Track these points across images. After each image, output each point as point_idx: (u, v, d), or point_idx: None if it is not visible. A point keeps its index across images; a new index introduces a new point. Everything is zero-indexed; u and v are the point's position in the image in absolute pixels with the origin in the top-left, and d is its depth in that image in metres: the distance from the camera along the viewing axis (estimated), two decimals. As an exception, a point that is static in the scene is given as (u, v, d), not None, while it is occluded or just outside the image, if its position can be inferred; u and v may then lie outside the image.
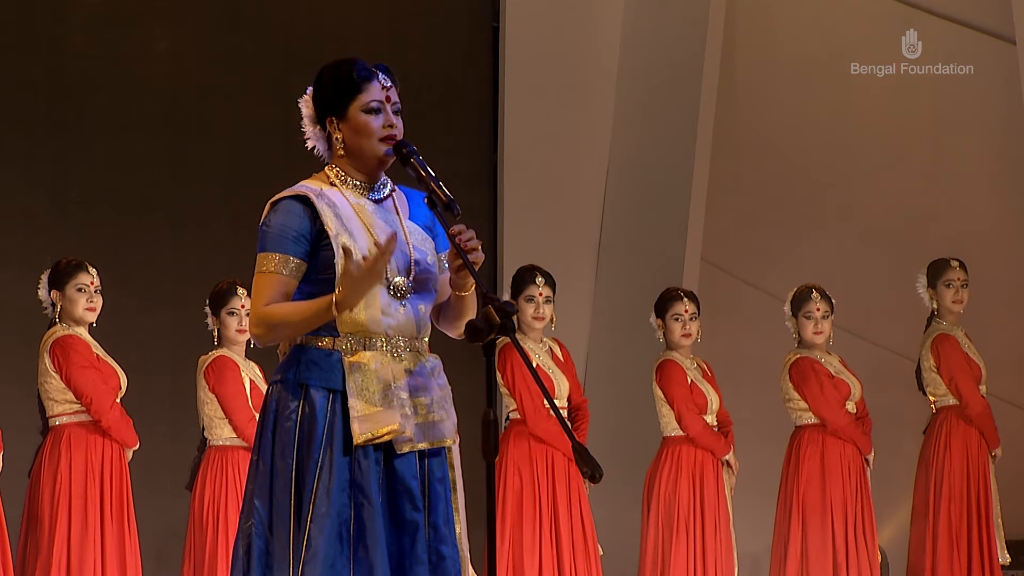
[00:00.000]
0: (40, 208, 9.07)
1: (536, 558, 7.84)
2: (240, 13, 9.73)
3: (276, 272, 4.21)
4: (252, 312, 4.24)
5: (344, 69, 4.29)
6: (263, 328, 4.22)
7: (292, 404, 4.22)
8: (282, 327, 4.21)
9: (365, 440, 4.17)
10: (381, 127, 4.28)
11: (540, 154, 10.47)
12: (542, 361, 7.98)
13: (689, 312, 8.26)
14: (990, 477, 8.46)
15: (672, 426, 8.24)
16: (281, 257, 4.21)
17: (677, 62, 10.33)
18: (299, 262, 4.22)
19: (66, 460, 7.24)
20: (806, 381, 8.26)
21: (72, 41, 9.24)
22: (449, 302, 4.39)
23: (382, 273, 4.13)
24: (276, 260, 4.21)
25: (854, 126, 10.47)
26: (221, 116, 9.57)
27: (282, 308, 4.20)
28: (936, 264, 8.63)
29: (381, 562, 4.14)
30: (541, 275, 8.04)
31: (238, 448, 7.57)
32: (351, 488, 4.17)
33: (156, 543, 8.64)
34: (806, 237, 10.47)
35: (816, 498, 8.20)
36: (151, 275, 9.26)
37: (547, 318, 8.01)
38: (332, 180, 4.32)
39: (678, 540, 8.09)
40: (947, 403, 8.50)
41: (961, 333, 8.59)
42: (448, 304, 4.39)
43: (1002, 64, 10.07)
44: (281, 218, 4.24)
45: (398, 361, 4.24)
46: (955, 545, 8.36)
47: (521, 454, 7.91)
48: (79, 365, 7.24)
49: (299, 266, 4.22)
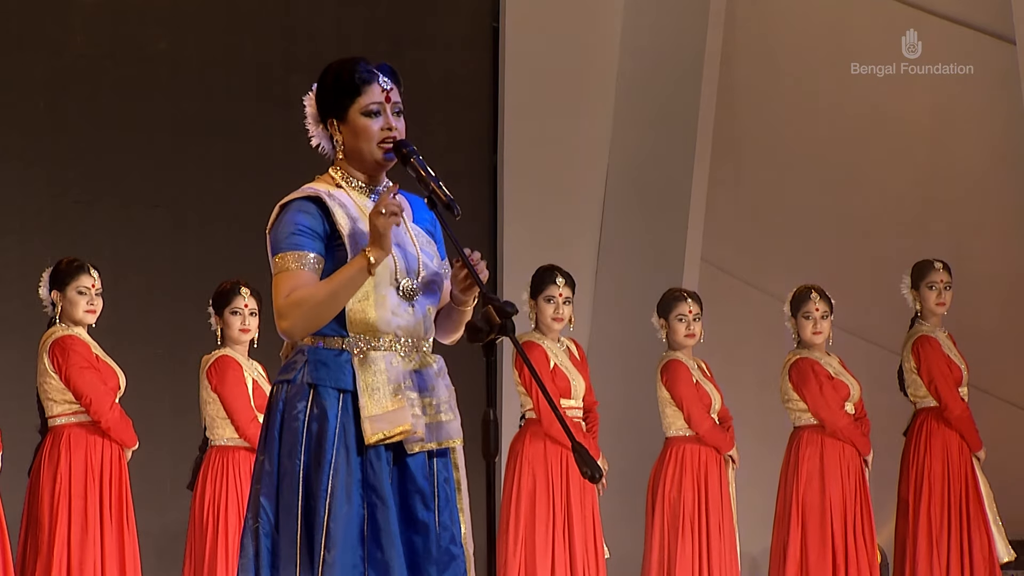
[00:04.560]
0: (40, 208, 9.07)
1: (549, 558, 7.84)
2: (240, 13, 9.72)
3: (296, 269, 4.17)
4: (276, 309, 4.17)
5: (346, 70, 4.28)
6: (291, 315, 4.14)
7: (300, 404, 4.20)
8: (311, 305, 4.13)
9: (377, 440, 4.16)
10: (379, 130, 4.27)
11: (540, 154, 10.47)
12: (561, 361, 7.99)
13: (693, 313, 8.27)
14: (978, 478, 8.45)
15: (675, 426, 8.24)
16: (299, 254, 4.18)
17: (677, 62, 10.33)
18: (317, 257, 4.19)
19: (66, 460, 7.24)
20: (806, 382, 8.26)
21: (72, 41, 9.23)
22: (446, 312, 4.39)
23: (398, 214, 4.11)
24: (294, 257, 4.18)
25: (854, 126, 10.47)
26: (221, 116, 9.57)
27: (307, 288, 4.14)
28: (920, 265, 8.63)
29: (397, 562, 4.14)
30: (561, 275, 8.05)
31: (240, 448, 7.56)
32: (364, 489, 4.17)
33: (156, 543, 8.64)
34: (806, 237, 10.47)
35: (815, 499, 8.20)
36: (151, 275, 9.26)
37: (566, 318, 8.02)
38: (338, 182, 4.31)
39: (683, 540, 8.09)
40: (927, 404, 8.51)
41: (944, 335, 8.58)
42: (444, 314, 4.39)
43: (1002, 64, 10.07)
44: (294, 217, 4.21)
45: (407, 361, 4.24)
46: (934, 546, 8.36)
47: (536, 454, 7.91)
48: (78, 366, 7.24)
49: (318, 260, 4.19)
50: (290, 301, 4.15)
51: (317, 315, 4.16)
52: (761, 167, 10.55)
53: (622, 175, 10.61)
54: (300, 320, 4.16)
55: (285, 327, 4.18)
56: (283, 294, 4.16)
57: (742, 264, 10.53)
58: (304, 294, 4.14)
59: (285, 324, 4.17)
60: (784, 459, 8.36)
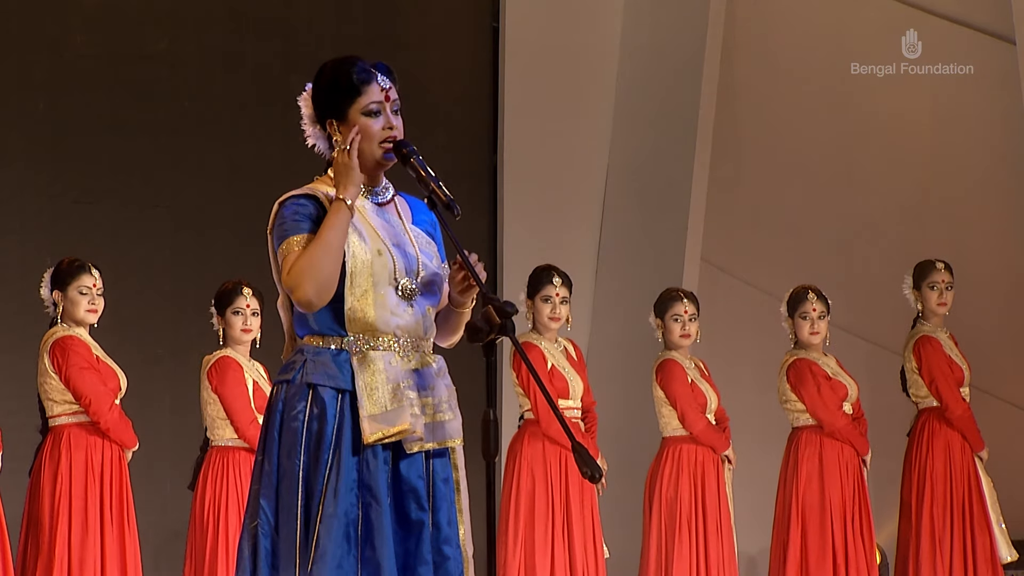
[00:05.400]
0: (40, 208, 9.07)
1: (548, 558, 7.84)
2: (240, 13, 9.72)
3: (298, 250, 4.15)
4: (286, 286, 4.14)
5: (343, 70, 4.28)
6: (298, 283, 4.10)
7: (299, 404, 4.20)
8: (309, 265, 4.10)
9: (375, 440, 4.16)
10: (380, 129, 4.27)
11: (540, 154, 10.47)
12: (558, 361, 7.99)
13: (689, 313, 8.26)
14: (980, 478, 8.45)
15: (672, 426, 8.24)
16: (299, 237, 4.17)
17: (677, 62, 10.33)
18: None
19: (66, 460, 7.24)
20: (804, 383, 8.26)
21: (72, 41, 9.23)
22: (444, 315, 4.39)
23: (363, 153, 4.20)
24: (295, 240, 4.17)
25: (854, 126, 10.47)
26: (221, 116, 9.57)
27: (299, 256, 4.13)
28: (921, 266, 8.63)
29: (388, 562, 4.13)
30: (558, 275, 8.04)
31: (240, 449, 7.56)
32: (359, 488, 4.17)
33: (156, 543, 8.64)
34: (806, 237, 10.47)
35: (815, 499, 8.20)
36: (151, 275, 9.26)
37: (563, 318, 8.02)
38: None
39: (680, 540, 8.08)
40: (929, 405, 8.51)
41: (945, 335, 8.58)
42: (442, 316, 4.39)
43: (1002, 64, 10.06)
44: (294, 208, 4.21)
45: (406, 361, 4.24)
46: (937, 546, 8.36)
47: (535, 454, 7.91)
48: (78, 366, 7.24)
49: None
50: (292, 274, 4.13)
51: (319, 271, 4.12)
52: (761, 167, 10.55)
53: (622, 175, 10.61)
54: (307, 283, 4.11)
55: (299, 297, 4.14)
56: (285, 272, 4.16)
57: (742, 264, 10.53)
58: (299, 260, 4.13)
59: (299, 294, 4.13)
60: (783, 459, 8.36)
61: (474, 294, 4.29)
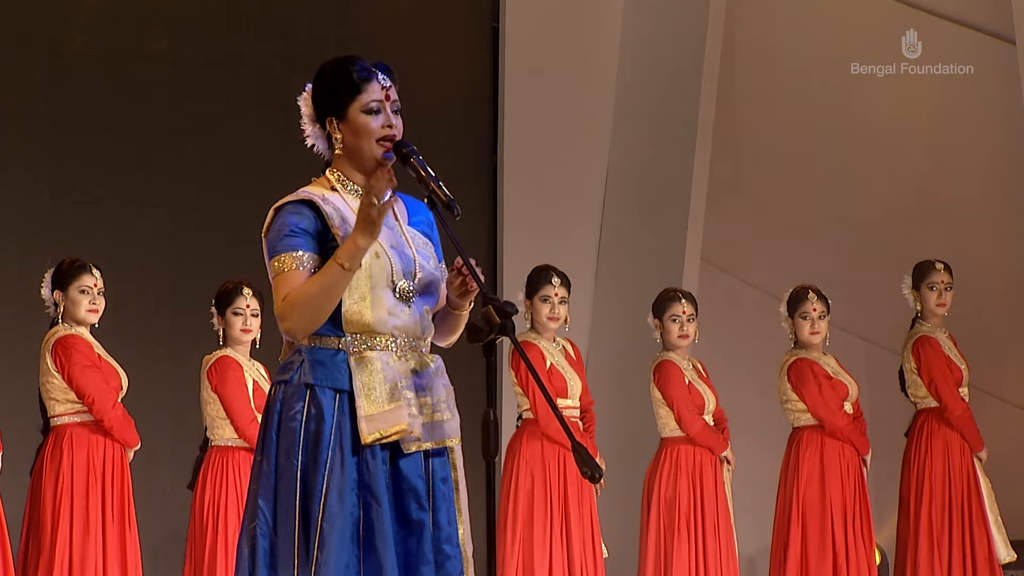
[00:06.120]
0: (40, 208, 9.07)
1: (546, 558, 7.84)
2: (240, 13, 9.72)
3: (293, 269, 4.16)
4: (276, 312, 4.17)
5: (344, 69, 4.28)
6: (290, 315, 4.13)
7: (297, 404, 4.20)
8: (308, 303, 4.12)
9: (373, 440, 4.16)
10: (380, 127, 4.27)
11: (540, 154, 10.47)
12: (557, 361, 7.99)
13: (687, 313, 8.25)
14: (979, 478, 8.45)
15: (670, 427, 8.24)
16: (294, 255, 4.18)
17: (677, 62, 10.33)
18: (312, 255, 4.19)
19: (68, 460, 7.25)
20: (804, 382, 8.26)
21: (72, 41, 9.24)
22: (442, 316, 4.39)
23: (383, 210, 4.08)
24: (290, 258, 4.17)
25: (854, 126, 10.47)
26: (221, 116, 9.57)
27: (300, 287, 4.14)
28: (921, 266, 8.63)
29: (390, 562, 4.13)
30: (557, 275, 8.05)
31: (240, 449, 7.56)
32: (360, 488, 4.17)
33: (156, 543, 8.64)
34: (806, 237, 10.47)
35: (815, 499, 8.20)
36: (151, 275, 9.26)
37: (562, 318, 8.02)
38: (333, 185, 4.31)
39: (679, 541, 8.08)
40: (928, 405, 8.51)
41: (944, 335, 8.58)
42: (440, 318, 4.39)
43: (1002, 64, 10.07)
44: (287, 219, 4.21)
45: (404, 361, 4.24)
46: (936, 546, 8.36)
47: (533, 454, 7.91)
48: (81, 365, 7.24)
49: (313, 259, 4.18)
50: (287, 303, 4.15)
51: (315, 311, 4.15)
52: (761, 167, 10.55)
53: (622, 175, 10.61)
54: (300, 320, 4.15)
55: (286, 328, 4.19)
56: (281, 296, 4.17)
57: (742, 264, 10.53)
58: (299, 293, 4.14)
59: (286, 325, 4.18)
60: (784, 459, 8.36)
61: (472, 297, 4.29)
